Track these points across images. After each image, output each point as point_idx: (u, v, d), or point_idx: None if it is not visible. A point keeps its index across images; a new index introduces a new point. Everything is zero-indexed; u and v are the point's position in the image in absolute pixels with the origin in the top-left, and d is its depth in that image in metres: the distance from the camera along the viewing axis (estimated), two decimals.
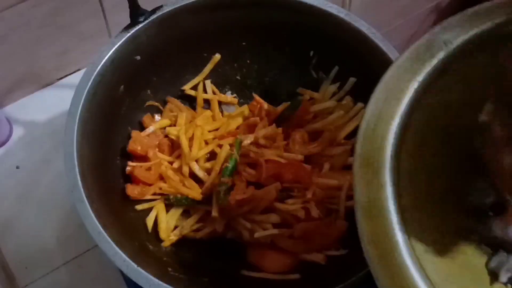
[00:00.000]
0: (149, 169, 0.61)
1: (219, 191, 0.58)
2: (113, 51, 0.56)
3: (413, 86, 0.38)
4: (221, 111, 0.68)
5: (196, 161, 0.62)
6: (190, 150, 0.61)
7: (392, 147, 0.36)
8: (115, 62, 0.56)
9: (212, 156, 0.63)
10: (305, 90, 0.67)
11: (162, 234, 0.59)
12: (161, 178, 0.62)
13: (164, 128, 0.65)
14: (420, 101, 0.38)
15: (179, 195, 0.61)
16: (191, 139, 0.62)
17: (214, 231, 0.59)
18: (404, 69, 0.39)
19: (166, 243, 0.58)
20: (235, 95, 0.69)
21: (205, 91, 0.67)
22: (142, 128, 0.65)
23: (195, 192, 0.60)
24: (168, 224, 0.60)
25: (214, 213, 0.58)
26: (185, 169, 0.61)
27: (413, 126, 0.38)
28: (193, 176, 0.62)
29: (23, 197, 0.70)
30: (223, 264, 0.58)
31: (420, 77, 0.38)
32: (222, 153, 0.60)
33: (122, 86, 0.60)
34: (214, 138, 0.64)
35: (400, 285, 0.33)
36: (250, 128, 0.65)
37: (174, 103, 0.67)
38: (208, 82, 0.68)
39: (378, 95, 0.38)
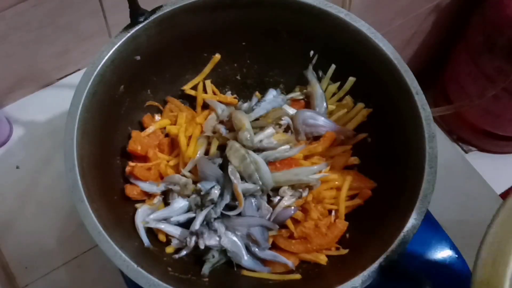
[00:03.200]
0: (149, 169, 0.61)
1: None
2: (113, 51, 0.56)
3: None
4: None
5: None
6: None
7: None
8: (115, 62, 0.56)
9: None
10: (303, 87, 0.67)
11: (161, 235, 0.59)
12: (161, 177, 0.62)
13: (164, 128, 0.65)
14: None
15: None
16: (190, 138, 0.62)
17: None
18: (508, 229, 0.37)
19: (168, 250, 0.58)
20: (235, 95, 0.69)
21: (205, 91, 0.68)
22: (142, 128, 0.65)
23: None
24: None
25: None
26: (182, 167, 0.61)
27: None
28: None
29: (23, 197, 0.70)
30: (223, 264, 0.58)
31: None
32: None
33: (122, 86, 0.60)
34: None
35: None
36: None
37: (174, 103, 0.67)
38: (208, 82, 0.68)
39: (485, 258, 0.36)
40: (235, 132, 0.60)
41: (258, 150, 0.59)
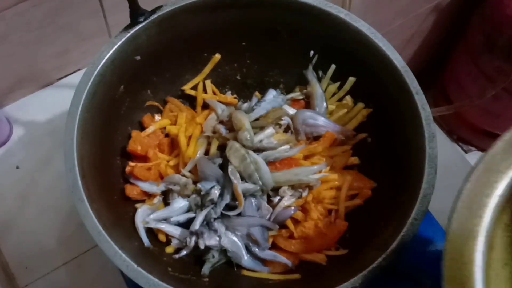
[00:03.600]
0: (149, 169, 0.61)
1: None
2: (113, 51, 0.56)
3: (494, 201, 0.36)
4: None
5: None
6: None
7: (480, 269, 0.35)
8: (115, 62, 0.56)
9: None
10: (303, 87, 0.67)
11: (161, 235, 0.59)
12: (161, 177, 0.62)
13: (164, 128, 0.65)
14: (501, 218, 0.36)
15: None
16: (190, 138, 0.62)
17: None
18: (482, 183, 0.37)
19: (168, 250, 0.58)
20: (235, 95, 0.69)
21: (205, 91, 0.68)
22: (142, 128, 0.65)
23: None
24: None
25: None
26: (182, 167, 0.61)
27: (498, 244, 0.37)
28: None
29: (23, 197, 0.70)
30: (223, 264, 0.58)
31: (499, 191, 0.36)
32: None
33: (122, 86, 0.60)
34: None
35: None
36: None
37: (174, 103, 0.67)
38: (208, 82, 0.68)
39: (460, 211, 0.37)
40: (235, 132, 0.60)
41: (258, 150, 0.59)
